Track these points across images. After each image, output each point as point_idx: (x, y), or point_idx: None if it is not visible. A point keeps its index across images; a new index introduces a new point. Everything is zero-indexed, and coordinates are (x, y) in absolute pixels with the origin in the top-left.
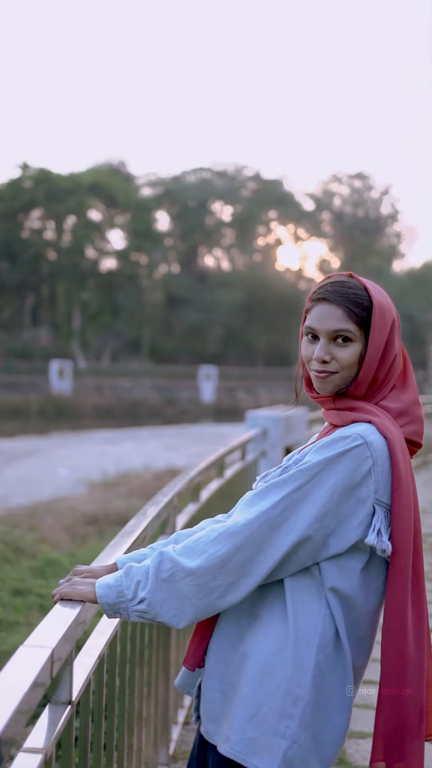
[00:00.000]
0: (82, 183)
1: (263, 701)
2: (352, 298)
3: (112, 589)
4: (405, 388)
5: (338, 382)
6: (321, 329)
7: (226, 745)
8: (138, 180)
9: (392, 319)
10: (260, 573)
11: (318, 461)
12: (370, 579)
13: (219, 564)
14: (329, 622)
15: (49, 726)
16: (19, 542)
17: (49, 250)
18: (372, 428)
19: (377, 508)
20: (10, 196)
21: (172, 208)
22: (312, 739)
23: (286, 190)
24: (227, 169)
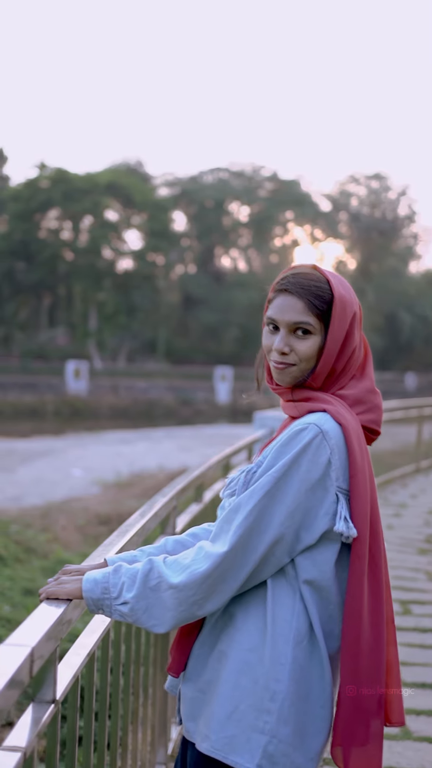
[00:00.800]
0: (99, 183)
1: (241, 698)
2: (314, 291)
3: (98, 585)
4: (362, 377)
5: (296, 374)
6: (281, 321)
7: (206, 743)
8: (155, 180)
9: (353, 312)
10: (239, 580)
11: (281, 464)
12: (341, 569)
13: (201, 580)
14: (303, 616)
15: (31, 725)
16: (31, 542)
17: (66, 250)
18: (326, 416)
19: (340, 495)
20: (27, 196)
21: (189, 209)
22: (293, 734)
23: (303, 191)
24: (244, 170)
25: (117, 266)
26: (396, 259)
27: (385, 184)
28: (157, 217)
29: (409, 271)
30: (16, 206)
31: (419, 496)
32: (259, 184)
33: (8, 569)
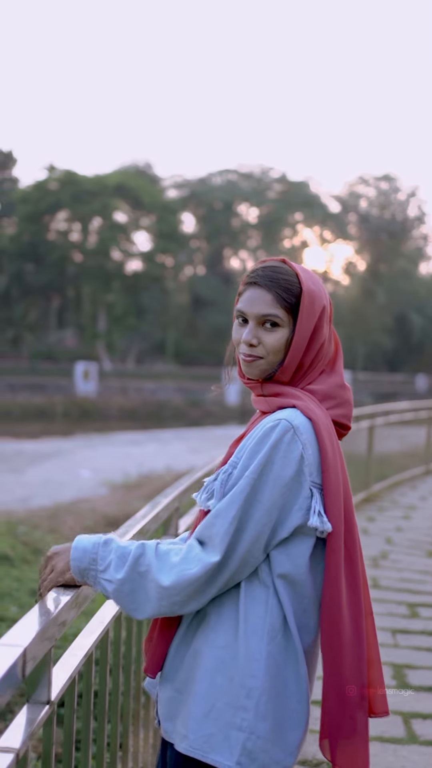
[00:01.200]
0: (107, 185)
1: (217, 696)
2: (282, 284)
3: (87, 554)
4: (332, 372)
5: (264, 367)
6: (250, 313)
7: (185, 743)
8: (164, 182)
9: (322, 306)
10: (222, 584)
11: (255, 464)
12: (316, 564)
13: (187, 583)
14: (276, 610)
15: (25, 726)
16: (38, 543)
17: (75, 251)
18: (296, 412)
19: (314, 490)
20: (36, 198)
21: (198, 210)
22: (271, 729)
23: (312, 192)
24: (253, 171)
25: (126, 268)
26: (406, 261)
27: (394, 185)
28: (166, 219)
29: (419, 273)
30: (25, 208)
31: (429, 498)
32: (268, 186)
33: (15, 570)
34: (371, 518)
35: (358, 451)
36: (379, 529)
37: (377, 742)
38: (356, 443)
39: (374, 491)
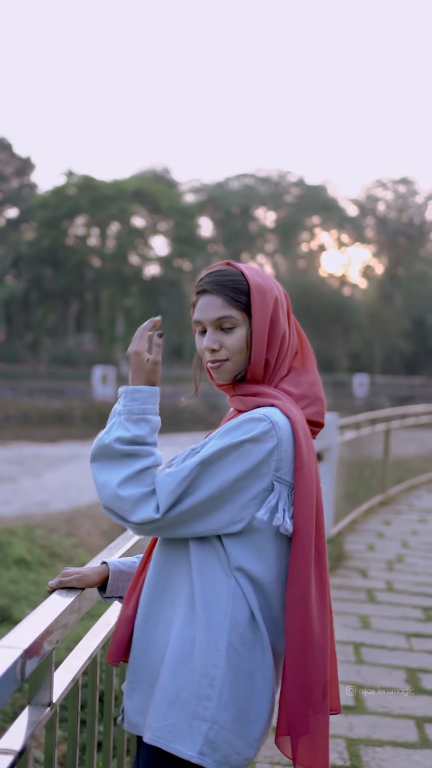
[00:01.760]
0: (125, 190)
1: (181, 686)
2: (229, 285)
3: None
4: (305, 370)
5: (231, 368)
6: (205, 320)
7: (149, 732)
8: (181, 186)
9: (273, 297)
10: (155, 531)
11: (225, 442)
12: (279, 559)
13: (122, 514)
14: (240, 601)
15: (26, 728)
16: (55, 547)
17: (93, 256)
18: (276, 410)
19: (277, 485)
20: (55, 204)
21: (216, 214)
22: (234, 720)
23: (330, 196)
24: (270, 175)
25: (144, 272)
26: (424, 264)
27: (412, 188)
28: (183, 224)
29: None
30: (44, 213)
31: None
32: (285, 190)
33: (33, 574)
34: (387, 522)
35: (375, 454)
36: (395, 533)
37: (389, 747)
38: (372, 446)
39: (390, 494)
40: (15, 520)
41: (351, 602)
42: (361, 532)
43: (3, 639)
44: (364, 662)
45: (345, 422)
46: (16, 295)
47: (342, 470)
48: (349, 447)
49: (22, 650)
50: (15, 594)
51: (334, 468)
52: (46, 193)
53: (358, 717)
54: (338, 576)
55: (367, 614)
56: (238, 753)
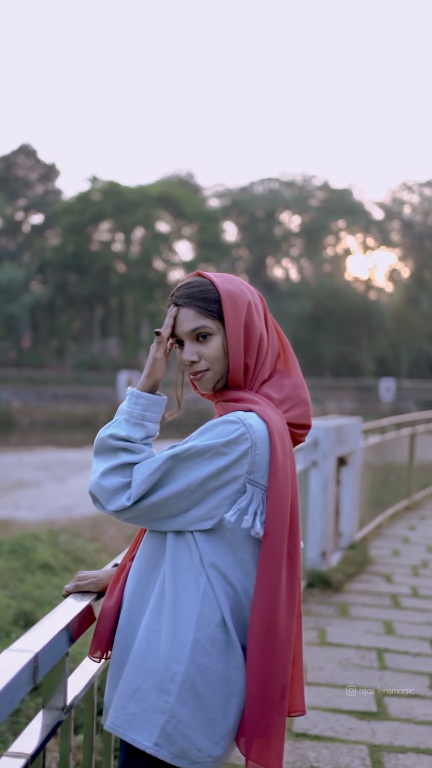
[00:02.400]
0: (150, 195)
1: (144, 677)
2: (199, 296)
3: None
4: (288, 373)
5: (212, 377)
6: (181, 333)
7: (108, 720)
8: (205, 191)
9: (246, 302)
10: (127, 518)
11: (199, 442)
12: (255, 559)
13: (99, 502)
14: (210, 600)
15: (40, 732)
16: (80, 552)
17: (118, 262)
18: (252, 414)
19: (249, 487)
20: (80, 209)
21: (240, 219)
22: (193, 715)
23: (356, 199)
24: (295, 179)
25: (168, 277)
26: None
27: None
28: (208, 228)
29: None
30: (69, 219)
31: None
32: (310, 194)
33: (57, 578)
34: (413, 527)
35: (400, 458)
36: (420, 538)
37: (413, 753)
38: (398, 451)
39: (416, 499)
40: (40, 525)
41: (375, 608)
42: (386, 537)
43: (15, 642)
44: (388, 668)
45: (369, 426)
46: (42, 301)
47: (366, 475)
48: (374, 451)
49: (34, 653)
50: (39, 599)
51: (358, 472)
52: (71, 198)
53: (380, 723)
54: (362, 581)
55: (392, 620)
56: (199, 749)
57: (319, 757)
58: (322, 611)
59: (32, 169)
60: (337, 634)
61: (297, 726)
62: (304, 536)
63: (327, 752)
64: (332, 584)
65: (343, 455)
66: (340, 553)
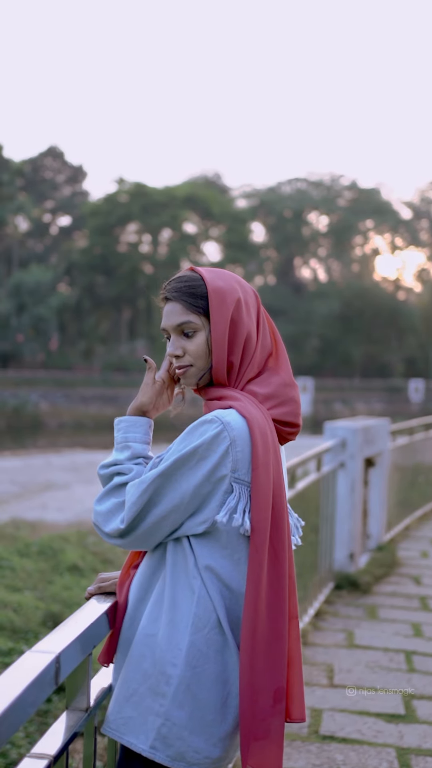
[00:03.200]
0: (177, 196)
1: (141, 681)
2: (186, 291)
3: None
4: (277, 371)
5: (195, 373)
6: (168, 327)
7: (105, 724)
8: (233, 192)
9: (234, 299)
10: (127, 544)
11: (180, 450)
12: (245, 561)
13: (98, 530)
14: (205, 602)
15: (63, 733)
16: (108, 553)
17: (145, 263)
18: (231, 411)
19: (236, 486)
20: (107, 211)
21: (268, 219)
22: (190, 718)
23: (384, 199)
24: (323, 179)
25: None
26: None
27: None
28: (235, 229)
29: None
30: (96, 221)
31: None
32: (338, 194)
33: (85, 580)
34: None
35: (429, 460)
36: None
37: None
38: (427, 452)
39: None
40: (68, 527)
41: (404, 610)
42: (414, 539)
43: (38, 643)
44: (416, 670)
45: (397, 427)
46: (69, 302)
47: (395, 476)
48: (402, 452)
49: (56, 654)
50: (68, 600)
51: (386, 474)
52: (98, 200)
53: (408, 726)
54: (391, 583)
55: (420, 622)
56: (197, 751)
57: (347, 760)
58: (350, 613)
59: (60, 171)
60: (365, 636)
61: (324, 728)
62: (331, 538)
63: (354, 755)
64: (360, 586)
65: (371, 456)
66: (368, 554)
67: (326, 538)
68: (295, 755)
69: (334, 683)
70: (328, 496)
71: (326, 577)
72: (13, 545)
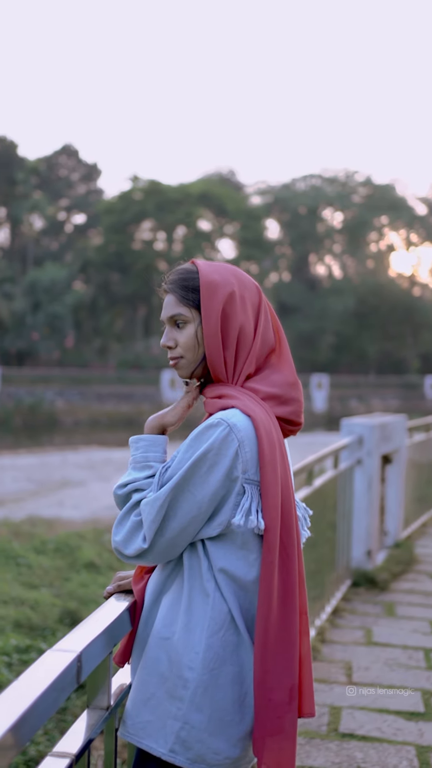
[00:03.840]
0: (191, 193)
1: (158, 684)
2: (180, 283)
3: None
4: (280, 368)
5: (186, 365)
6: (164, 318)
7: (122, 728)
8: (247, 189)
9: (227, 293)
10: (150, 560)
11: (189, 458)
12: (258, 560)
13: (121, 554)
14: (220, 604)
15: (84, 731)
16: None
17: (160, 260)
18: (235, 411)
19: (247, 486)
20: (121, 209)
21: (282, 216)
22: (209, 720)
23: (399, 195)
24: (337, 175)
25: None
26: None
27: None
28: (250, 226)
29: None
30: (111, 219)
31: None
32: (352, 190)
33: (102, 577)
34: None
35: None
36: None
37: None
38: None
39: None
40: (84, 524)
41: (422, 607)
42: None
43: (59, 643)
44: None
45: (414, 424)
46: (85, 300)
47: (412, 473)
48: (419, 449)
49: (77, 653)
50: (84, 597)
51: (403, 470)
52: (113, 198)
53: (428, 724)
54: (408, 580)
55: None
56: (217, 752)
57: (366, 758)
58: (368, 610)
59: (74, 170)
60: (383, 634)
61: (344, 726)
62: (348, 535)
63: (374, 753)
64: (378, 583)
65: (388, 453)
66: (385, 551)
67: (343, 536)
68: (314, 753)
69: (353, 681)
70: (345, 493)
71: (343, 575)
72: (30, 542)
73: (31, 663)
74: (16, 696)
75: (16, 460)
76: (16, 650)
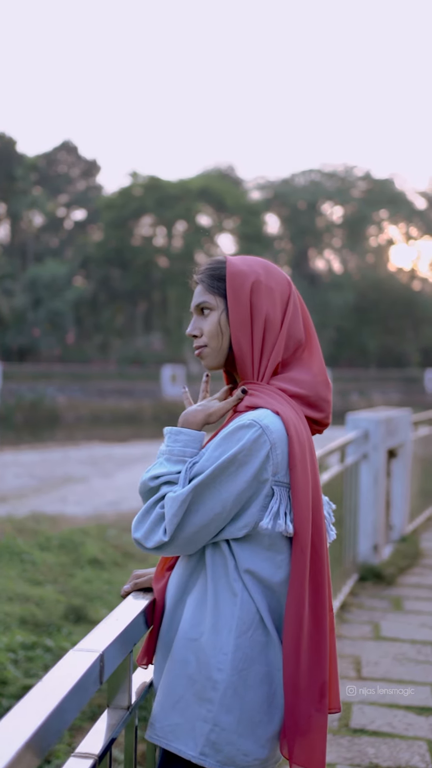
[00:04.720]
0: (191, 189)
1: (186, 686)
2: (208, 273)
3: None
4: (309, 365)
5: (210, 354)
6: (192, 309)
7: (150, 730)
8: (247, 184)
9: (252, 281)
10: (170, 553)
11: (220, 457)
12: (289, 560)
13: (141, 545)
14: (248, 605)
15: (105, 731)
16: (128, 547)
17: (160, 256)
18: (266, 411)
19: (277, 489)
20: (121, 204)
21: (282, 211)
22: (238, 722)
23: (398, 189)
24: (337, 170)
25: None
26: None
27: None
28: (249, 221)
29: None
30: (111, 214)
31: None
32: (352, 184)
33: (106, 573)
34: None
35: None
36: None
37: None
38: None
39: None
40: (88, 520)
41: (429, 601)
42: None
43: (81, 642)
44: None
45: (419, 418)
46: (85, 296)
47: (416, 467)
48: (424, 443)
49: (100, 653)
50: (89, 594)
51: (408, 464)
52: (113, 194)
53: None
54: (414, 574)
55: None
56: (246, 754)
57: (378, 753)
58: (375, 605)
59: (74, 165)
60: (391, 629)
61: (355, 722)
62: (355, 529)
63: (386, 748)
64: (385, 578)
65: (393, 447)
66: (391, 545)
67: (350, 530)
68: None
69: (362, 676)
70: (352, 487)
71: (350, 569)
72: (33, 539)
73: (37, 660)
74: (43, 696)
75: (18, 457)
76: (22, 647)
